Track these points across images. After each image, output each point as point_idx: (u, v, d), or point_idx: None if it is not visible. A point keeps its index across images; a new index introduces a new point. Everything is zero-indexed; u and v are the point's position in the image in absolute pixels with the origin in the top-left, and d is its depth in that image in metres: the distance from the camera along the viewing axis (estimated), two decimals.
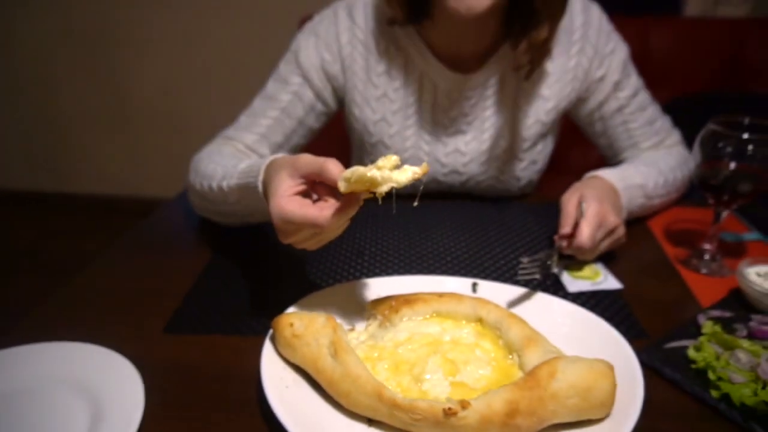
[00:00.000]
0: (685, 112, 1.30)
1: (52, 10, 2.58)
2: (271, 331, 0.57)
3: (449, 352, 0.56)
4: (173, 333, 0.65)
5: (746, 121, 0.72)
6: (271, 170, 0.61)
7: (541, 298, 0.65)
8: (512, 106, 0.91)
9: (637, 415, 0.48)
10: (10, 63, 2.73)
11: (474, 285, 0.67)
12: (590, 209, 0.71)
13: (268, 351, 0.56)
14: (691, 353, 0.58)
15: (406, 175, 0.50)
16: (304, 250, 0.59)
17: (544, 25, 0.80)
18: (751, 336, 0.60)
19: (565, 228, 0.73)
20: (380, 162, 0.50)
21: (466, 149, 0.93)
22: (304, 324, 0.55)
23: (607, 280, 0.73)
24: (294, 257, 0.79)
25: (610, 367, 0.51)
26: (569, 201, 0.76)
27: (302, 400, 0.52)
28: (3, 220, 2.88)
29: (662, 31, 1.48)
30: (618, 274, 0.75)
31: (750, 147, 0.70)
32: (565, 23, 0.86)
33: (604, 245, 0.75)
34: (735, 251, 0.82)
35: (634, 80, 0.93)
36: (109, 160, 2.90)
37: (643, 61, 1.45)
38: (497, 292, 0.66)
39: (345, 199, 0.53)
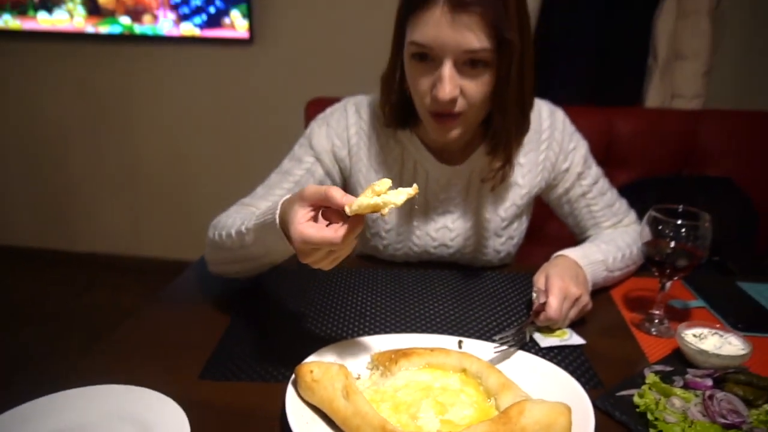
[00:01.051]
0: (646, 192, 1.48)
1: (70, 77, 2.78)
2: (293, 377, 0.70)
3: (439, 396, 0.68)
4: (207, 379, 0.77)
5: (680, 208, 0.88)
6: (285, 206, 0.73)
7: (516, 353, 0.79)
8: (492, 191, 1.07)
9: None
10: (28, 126, 2.90)
11: (459, 342, 0.80)
12: (554, 285, 0.86)
13: (290, 393, 0.68)
14: (636, 399, 0.71)
15: (401, 196, 0.64)
16: (320, 270, 0.70)
17: (502, 153, 0.98)
18: (686, 386, 0.73)
19: (536, 304, 0.87)
20: (377, 187, 0.64)
21: (453, 226, 1.08)
22: (321, 371, 0.68)
23: (572, 337, 0.87)
24: (307, 316, 0.93)
25: (568, 408, 0.64)
26: (539, 280, 0.91)
27: None
28: (7, 274, 2.96)
29: (626, 121, 1.67)
30: (582, 334, 0.88)
31: (683, 230, 0.86)
32: (534, 125, 1.04)
33: (573, 314, 0.88)
34: (682, 316, 0.96)
35: (594, 170, 1.10)
36: (113, 221, 3.02)
37: (609, 146, 1.66)
38: (479, 348, 0.79)
39: (352, 220, 0.65)
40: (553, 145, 1.07)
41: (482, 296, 1.01)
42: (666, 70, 1.81)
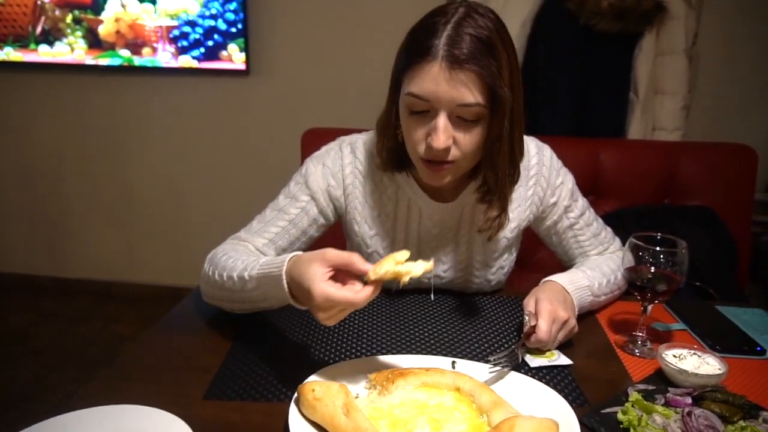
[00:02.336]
0: (629, 221, 1.54)
1: (68, 107, 2.83)
2: (295, 395, 0.73)
3: (434, 413, 0.72)
4: (211, 399, 0.80)
5: (658, 236, 0.94)
6: (299, 263, 0.78)
7: (508, 373, 0.83)
8: (489, 240, 1.10)
9: None
10: (25, 154, 2.93)
11: (453, 362, 0.85)
12: (544, 309, 0.90)
13: (293, 411, 0.72)
14: (620, 416, 0.75)
15: (419, 267, 0.74)
16: (323, 326, 0.76)
17: (497, 203, 1.01)
18: (667, 404, 0.77)
19: (527, 327, 0.91)
20: (398, 257, 0.73)
21: (446, 259, 1.13)
22: (323, 390, 0.72)
23: (560, 358, 0.91)
24: (307, 338, 0.96)
25: (556, 424, 0.68)
26: (529, 304, 0.94)
27: None
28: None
29: (610, 152, 1.73)
30: (570, 355, 0.92)
31: (662, 257, 0.91)
32: (523, 162, 1.06)
33: (561, 336, 0.92)
34: (664, 338, 1.01)
35: (580, 203, 1.15)
36: (106, 249, 3.03)
37: (594, 176, 1.73)
38: (471, 368, 0.83)
39: (373, 284, 0.74)
40: (541, 180, 1.11)
41: (474, 319, 1.05)
42: (647, 105, 1.89)
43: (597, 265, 1.10)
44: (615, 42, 1.85)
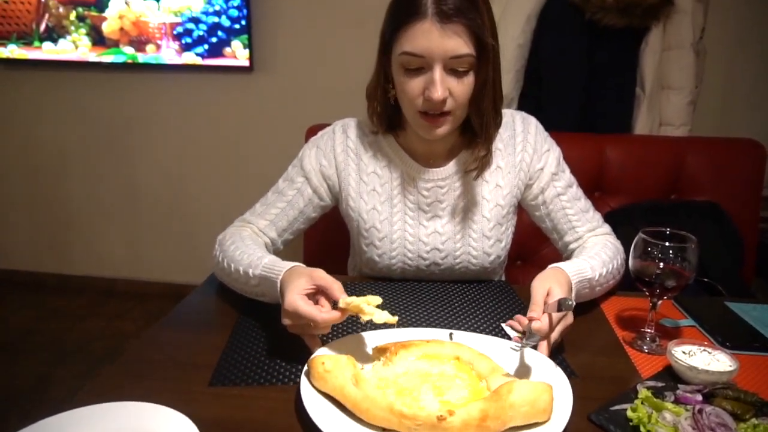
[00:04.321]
0: (636, 216, 1.53)
1: (72, 104, 2.84)
2: (305, 368, 0.76)
3: (437, 381, 0.75)
4: (216, 386, 0.81)
5: (668, 231, 0.93)
6: (292, 274, 0.87)
7: (501, 342, 0.86)
8: (476, 194, 1.14)
9: (567, 417, 0.69)
10: (30, 151, 2.94)
11: (450, 334, 0.88)
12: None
13: (304, 383, 0.74)
14: (629, 413, 0.74)
15: (382, 317, 0.78)
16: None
17: (483, 144, 1.08)
18: (677, 401, 0.76)
19: (533, 313, 0.84)
20: (369, 298, 0.79)
21: (443, 230, 1.15)
22: (332, 362, 0.74)
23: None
24: None
25: (550, 387, 0.70)
26: (539, 290, 0.87)
27: (332, 416, 0.70)
28: (3, 298, 2.95)
29: (616, 147, 1.71)
30: (577, 353, 0.91)
31: (671, 252, 0.90)
32: (509, 131, 1.14)
33: (557, 332, 0.87)
34: (673, 335, 1.00)
35: (568, 175, 1.17)
36: (110, 246, 3.04)
37: (600, 172, 1.72)
38: (468, 339, 0.86)
39: (342, 312, 0.80)
40: (527, 147, 1.15)
41: (471, 301, 1.08)
42: (653, 100, 1.87)
43: (596, 253, 1.06)
44: (621, 37, 1.83)
